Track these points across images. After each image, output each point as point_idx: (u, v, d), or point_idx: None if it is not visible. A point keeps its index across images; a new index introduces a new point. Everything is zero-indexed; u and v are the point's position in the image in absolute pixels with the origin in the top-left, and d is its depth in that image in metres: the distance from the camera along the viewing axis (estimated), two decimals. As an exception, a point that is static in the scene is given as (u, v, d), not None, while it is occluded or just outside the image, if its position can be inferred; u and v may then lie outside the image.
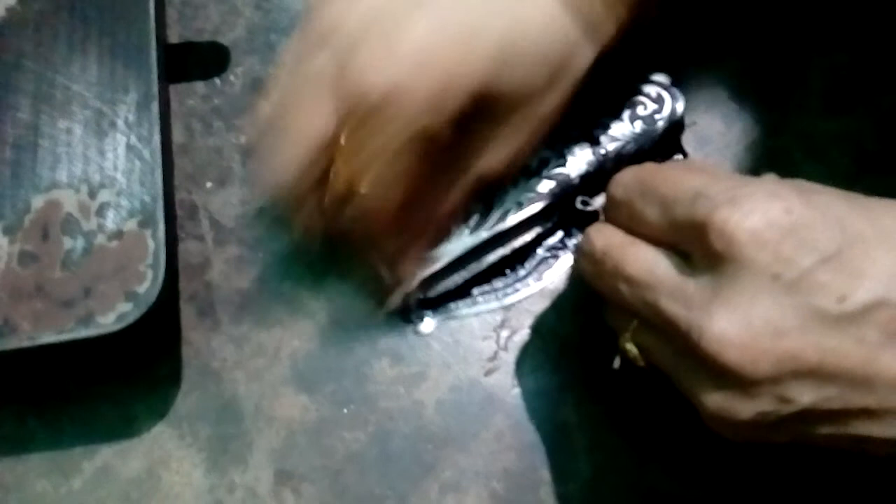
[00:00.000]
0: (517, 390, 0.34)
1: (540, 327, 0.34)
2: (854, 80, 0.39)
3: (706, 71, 0.39)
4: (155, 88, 0.30)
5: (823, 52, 0.39)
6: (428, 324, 0.34)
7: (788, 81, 0.39)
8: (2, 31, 0.31)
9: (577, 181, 0.32)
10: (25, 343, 0.27)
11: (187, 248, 0.35)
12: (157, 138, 0.29)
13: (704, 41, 0.39)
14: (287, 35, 0.39)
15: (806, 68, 0.39)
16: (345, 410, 0.33)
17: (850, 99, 0.39)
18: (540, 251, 0.34)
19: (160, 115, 0.29)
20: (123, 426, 0.33)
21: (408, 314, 0.34)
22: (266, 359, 0.34)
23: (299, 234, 0.30)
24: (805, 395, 0.22)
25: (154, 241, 0.28)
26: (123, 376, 0.33)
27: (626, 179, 0.27)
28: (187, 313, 0.35)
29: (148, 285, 0.27)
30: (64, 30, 0.31)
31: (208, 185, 0.36)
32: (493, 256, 0.33)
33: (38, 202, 0.28)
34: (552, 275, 0.34)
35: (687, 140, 0.37)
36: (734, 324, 0.22)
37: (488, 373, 0.34)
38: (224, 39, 0.39)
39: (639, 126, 0.33)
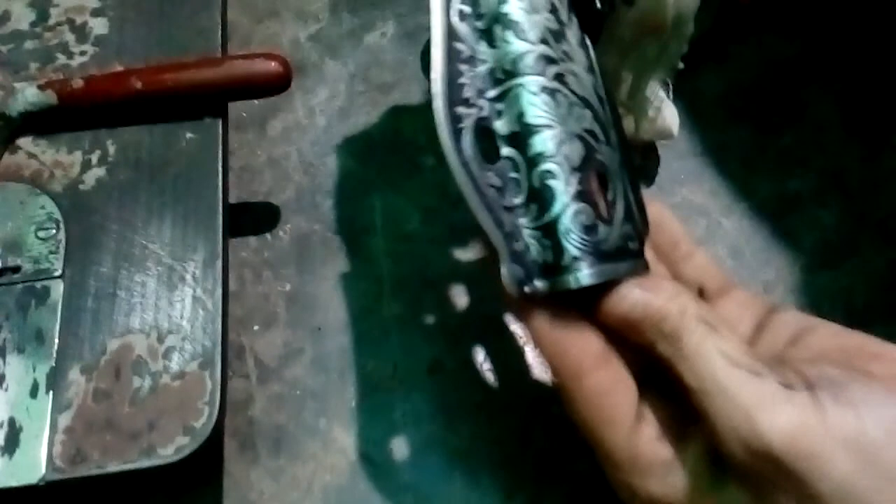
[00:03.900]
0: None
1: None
2: (841, 236, 0.43)
3: (699, 229, 0.43)
4: (219, 248, 0.34)
5: (809, 208, 0.44)
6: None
7: (779, 240, 0.43)
8: (91, 198, 0.36)
9: None
10: (94, 471, 0.30)
11: (233, 386, 0.39)
12: (219, 291, 0.33)
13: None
14: (330, 196, 0.44)
15: (794, 225, 0.43)
16: (371, 543, 0.36)
17: (838, 255, 0.43)
18: None
19: (223, 271, 0.34)
20: (167, 553, 0.35)
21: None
22: (300, 492, 0.37)
23: None
24: None
25: (211, 381, 0.32)
26: (170, 504, 0.36)
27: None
28: (230, 446, 0.38)
29: (204, 420, 0.31)
30: (144, 197, 0.36)
31: (255, 327, 0.41)
32: None
33: (113, 345, 0.32)
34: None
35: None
36: None
37: (504, 512, 0.36)
38: (275, 200, 0.44)
39: None
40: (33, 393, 0.32)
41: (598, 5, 0.32)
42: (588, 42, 0.31)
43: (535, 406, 0.38)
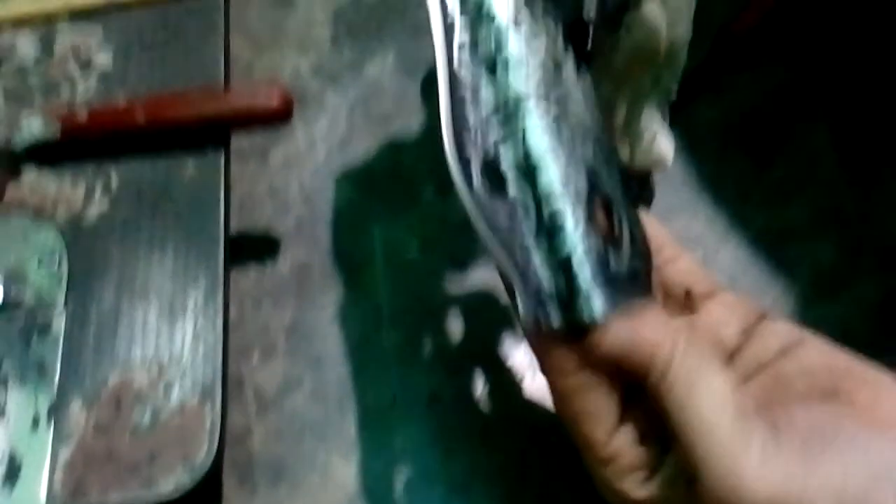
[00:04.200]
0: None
1: None
2: (836, 266, 0.43)
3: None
4: (221, 279, 0.35)
5: (805, 239, 0.44)
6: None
7: (775, 270, 0.43)
8: (94, 231, 0.36)
9: None
10: (95, 506, 0.30)
11: (232, 417, 0.39)
12: (220, 324, 0.33)
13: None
14: (330, 226, 0.44)
15: (790, 255, 0.44)
16: (370, 576, 0.36)
17: (834, 285, 0.43)
18: None
19: (224, 303, 0.34)
20: (164, 586, 0.35)
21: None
22: (299, 524, 0.37)
23: None
24: None
25: (211, 414, 0.32)
26: (168, 537, 0.36)
27: None
28: (229, 478, 0.38)
29: (204, 454, 0.31)
30: (146, 228, 0.36)
31: (255, 358, 0.41)
32: None
33: (114, 378, 0.33)
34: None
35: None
36: None
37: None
38: (276, 230, 0.44)
39: None
40: (34, 426, 0.32)
41: (590, 47, 0.33)
42: (584, 70, 0.32)
43: (534, 436, 0.38)
